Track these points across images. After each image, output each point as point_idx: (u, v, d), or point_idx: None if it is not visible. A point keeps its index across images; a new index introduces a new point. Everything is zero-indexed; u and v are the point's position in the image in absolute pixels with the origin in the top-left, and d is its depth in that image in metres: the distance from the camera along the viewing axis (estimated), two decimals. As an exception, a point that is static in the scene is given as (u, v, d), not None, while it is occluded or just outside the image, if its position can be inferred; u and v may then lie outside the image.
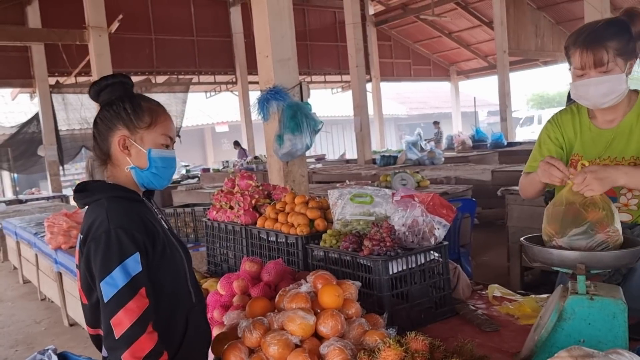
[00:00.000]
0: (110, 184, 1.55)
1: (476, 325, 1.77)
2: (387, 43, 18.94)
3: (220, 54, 15.42)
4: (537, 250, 1.48)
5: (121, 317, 1.33)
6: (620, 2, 14.07)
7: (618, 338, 1.33)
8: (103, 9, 8.92)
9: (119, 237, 1.38)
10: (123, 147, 1.53)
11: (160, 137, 1.56)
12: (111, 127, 1.54)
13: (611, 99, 1.73)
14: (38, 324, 5.19)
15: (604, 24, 1.72)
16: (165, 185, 1.61)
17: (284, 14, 4.45)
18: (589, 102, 1.78)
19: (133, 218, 1.45)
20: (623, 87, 1.72)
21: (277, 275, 2.05)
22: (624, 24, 1.71)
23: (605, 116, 1.85)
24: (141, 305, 1.35)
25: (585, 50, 1.69)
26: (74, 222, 4.49)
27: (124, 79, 1.62)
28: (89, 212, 1.50)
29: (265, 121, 4.53)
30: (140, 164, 1.55)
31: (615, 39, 1.68)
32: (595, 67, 1.69)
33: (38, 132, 12.78)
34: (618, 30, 1.69)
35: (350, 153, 19.74)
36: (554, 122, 1.97)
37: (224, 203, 2.84)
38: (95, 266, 1.39)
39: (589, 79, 1.71)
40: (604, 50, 1.67)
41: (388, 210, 2.07)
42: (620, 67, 1.69)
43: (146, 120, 1.54)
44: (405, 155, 9.78)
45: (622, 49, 1.68)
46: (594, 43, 1.68)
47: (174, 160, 1.61)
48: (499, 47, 13.58)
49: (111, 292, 1.34)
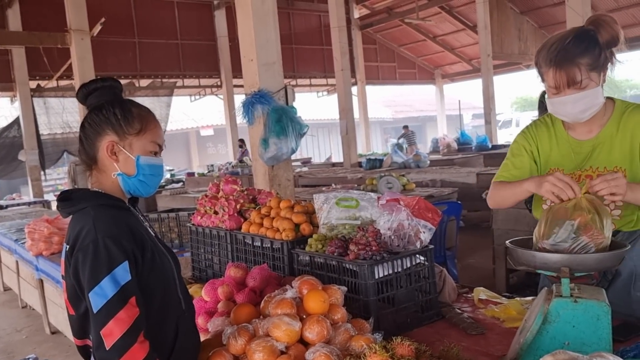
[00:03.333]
0: (95, 191, 1.52)
1: (462, 329, 1.77)
2: (372, 46, 19.02)
3: (205, 57, 15.35)
4: (521, 253, 1.49)
5: (112, 327, 1.31)
6: (601, 5, 14.32)
7: (602, 340, 1.34)
8: (85, 12, 8.82)
9: (107, 246, 1.36)
10: (111, 153, 1.50)
11: (149, 144, 1.53)
12: (100, 131, 1.51)
13: (590, 113, 1.72)
14: (19, 332, 5.09)
15: (573, 40, 1.68)
16: (151, 193, 1.59)
17: (269, 17, 4.43)
18: (567, 118, 1.77)
19: (120, 226, 1.42)
20: (600, 100, 1.71)
21: (262, 280, 2.03)
22: (592, 36, 1.68)
23: (582, 127, 1.82)
24: (132, 314, 1.33)
25: (557, 69, 1.67)
26: (56, 228, 4.42)
27: (114, 83, 1.59)
28: (75, 221, 1.47)
29: (250, 125, 4.50)
30: (128, 171, 1.52)
31: (587, 55, 1.65)
32: (569, 87, 1.67)
33: (19, 137, 12.60)
34: (588, 45, 1.66)
35: (336, 156, 19.78)
36: (528, 134, 1.94)
37: (209, 208, 2.81)
38: (83, 276, 1.36)
39: (565, 96, 1.69)
40: (576, 69, 1.64)
41: (374, 214, 2.07)
42: (595, 80, 1.67)
43: (136, 126, 1.51)
44: (391, 158, 9.82)
45: (594, 63, 1.66)
46: (566, 62, 1.65)
47: (162, 168, 1.60)
48: (483, 50, 13.72)
49: (101, 302, 1.32)
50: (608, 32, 1.67)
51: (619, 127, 1.77)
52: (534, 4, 15.54)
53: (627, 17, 14.86)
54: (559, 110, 1.75)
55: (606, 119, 1.79)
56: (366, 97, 18.08)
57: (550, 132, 1.90)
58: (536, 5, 15.54)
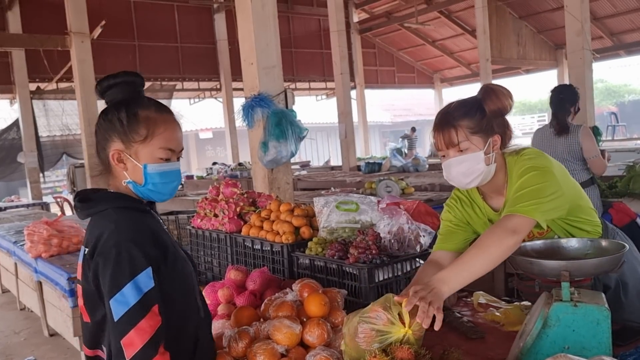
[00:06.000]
0: (116, 193, 1.46)
1: (462, 333, 1.77)
2: (371, 50, 19.05)
3: (204, 60, 15.35)
4: (519, 260, 1.52)
5: (132, 337, 1.25)
6: (599, 11, 14.39)
7: (602, 344, 1.34)
8: (85, 15, 8.82)
9: (129, 251, 1.30)
10: (118, 161, 1.43)
11: (158, 151, 1.43)
12: (107, 137, 1.44)
13: (474, 178, 1.72)
14: (17, 334, 5.08)
15: (455, 105, 1.75)
16: (166, 200, 1.50)
17: (269, 21, 4.44)
18: (454, 182, 1.78)
19: (143, 230, 1.37)
20: (481, 165, 1.70)
21: (262, 283, 2.04)
22: (475, 102, 1.72)
23: (493, 196, 1.83)
24: (153, 324, 1.27)
25: (438, 132, 1.73)
26: (55, 230, 4.41)
27: (129, 78, 1.47)
28: (95, 223, 1.41)
29: (249, 128, 4.51)
30: (137, 179, 1.44)
31: (466, 118, 1.69)
32: (447, 148, 1.71)
33: (18, 139, 12.58)
34: (468, 110, 1.71)
35: (335, 160, 19.78)
36: (454, 210, 1.93)
37: (209, 211, 2.82)
38: (104, 282, 1.30)
39: (448, 159, 1.73)
40: (453, 131, 1.68)
41: (374, 217, 2.08)
42: (478, 145, 1.69)
43: (141, 132, 1.41)
44: (390, 162, 9.82)
45: (475, 127, 1.69)
46: (446, 124, 1.71)
47: (176, 174, 1.48)
48: (481, 55, 13.73)
49: (122, 310, 1.26)
50: (494, 103, 1.69)
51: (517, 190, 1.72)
52: (533, 9, 15.58)
53: (626, 22, 14.93)
54: (446, 175, 1.77)
55: (507, 180, 1.78)
56: (365, 101, 18.09)
57: (470, 203, 1.90)
58: (535, 10, 15.59)
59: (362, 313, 1.44)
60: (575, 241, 1.62)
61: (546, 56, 16.82)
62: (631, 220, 3.34)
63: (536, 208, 1.60)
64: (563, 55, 15.50)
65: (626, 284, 1.85)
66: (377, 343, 1.38)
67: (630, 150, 9.43)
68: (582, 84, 6.88)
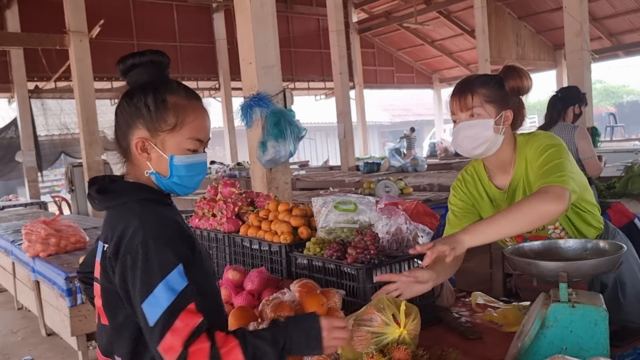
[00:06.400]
0: (137, 183, 1.33)
1: (460, 333, 1.77)
2: (370, 50, 19.05)
3: (203, 59, 15.34)
4: (517, 261, 1.52)
5: (170, 341, 1.13)
6: (598, 12, 14.40)
7: (599, 345, 1.34)
8: (84, 14, 8.80)
9: (158, 248, 1.19)
10: (142, 150, 1.31)
11: (187, 142, 1.31)
12: (130, 123, 1.31)
13: (479, 144, 1.76)
14: (15, 333, 5.07)
15: (476, 75, 1.85)
16: (189, 193, 1.39)
17: (268, 21, 4.44)
18: (461, 149, 1.81)
19: (170, 225, 1.26)
20: (489, 133, 1.74)
21: (260, 283, 2.03)
22: (495, 76, 1.82)
23: (499, 171, 1.87)
24: (191, 322, 1.15)
25: (456, 95, 1.79)
26: (52, 229, 4.41)
27: (156, 57, 1.35)
28: (115, 217, 1.29)
29: (248, 128, 4.50)
30: (161, 171, 1.32)
31: (484, 87, 1.76)
32: (462, 111, 1.76)
33: (16, 138, 12.57)
34: (487, 80, 1.79)
35: (333, 159, 19.78)
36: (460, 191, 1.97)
37: (207, 211, 2.81)
38: (133, 285, 1.19)
39: (459, 124, 1.78)
40: (470, 95, 1.75)
41: (372, 218, 2.07)
42: (490, 113, 1.74)
43: (170, 121, 1.30)
44: (389, 162, 9.83)
45: (490, 97, 1.75)
46: (463, 89, 1.78)
47: (203, 166, 1.36)
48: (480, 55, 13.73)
49: (157, 314, 1.15)
50: (514, 81, 1.81)
51: (526, 162, 1.79)
52: (532, 10, 15.60)
53: (625, 22, 14.95)
54: (455, 139, 1.82)
55: (515, 159, 1.83)
56: (364, 101, 18.08)
57: (477, 183, 1.95)
58: (534, 10, 15.60)
59: (357, 316, 1.44)
60: (573, 242, 1.62)
61: (545, 57, 16.84)
62: (629, 221, 3.35)
63: (568, 179, 1.62)
64: (562, 56, 15.50)
65: (624, 284, 1.86)
66: (373, 345, 1.38)
67: (628, 151, 9.45)
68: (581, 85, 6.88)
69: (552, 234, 1.88)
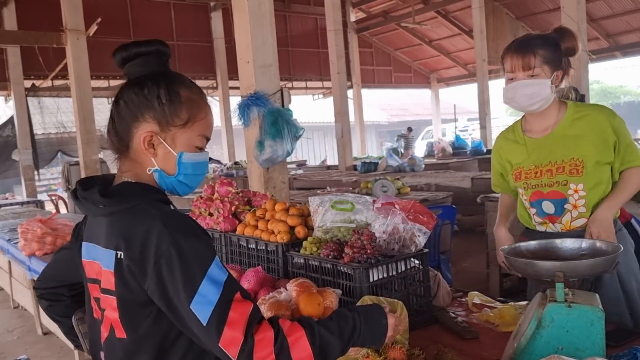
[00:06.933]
0: (142, 184, 1.24)
1: (456, 333, 1.77)
2: (368, 50, 19.05)
3: (201, 58, 15.32)
4: (513, 261, 1.53)
5: (230, 334, 1.08)
6: (595, 12, 14.42)
7: (596, 345, 1.34)
8: (81, 12, 8.78)
9: (190, 245, 1.13)
10: (148, 145, 1.22)
11: (196, 139, 1.26)
12: (138, 116, 1.22)
13: (536, 101, 1.89)
14: (10, 332, 5.05)
15: (534, 35, 1.96)
16: (189, 193, 1.32)
17: (266, 20, 4.43)
18: (517, 104, 1.94)
19: (190, 221, 1.19)
20: (547, 92, 1.88)
21: (256, 283, 2.03)
22: (552, 37, 1.93)
23: (538, 126, 2.01)
24: (246, 311, 1.11)
25: (515, 54, 1.89)
26: (49, 228, 4.39)
27: (163, 48, 1.28)
28: (126, 222, 1.18)
29: (245, 127, 4.50)
30: (167, 169, 1.25)
31: (543, 48, 1.88)
32: (523, 70, 1.87)
33: (13, 136, 12.54)
34: (545, 41, 1.90)
35: (331, 159, 19.78)
36: (496, 144, 2.20)
37: (203, 210, 2.81)
38: (175, 288, 1.11)
39: (517, 82, 1.89)
40: (531, 55, 1.86)
41: (369, 217, 2.07)
42: (546, 73, 1.87)
43: (183, 116, 1.23)
44: (386, 161, 9.83)
45: (548, 57, 1.87)
46: (524, 49, 1.88)
47: (206, 165, 1.32)
48: (478, 55, 13.78)
49: (208, 311, 1.09)
50: (570, 41, 1.92)
51: (573, 124, 1.94)
52: (530, 10, 15.62)
53: (622, 23, 14.97)
54: (510, 96, 1.93)
55: (560, 118, 1.96)
56: (362, 101, 18.09)
57: (510, 136, 2.11)
58: (532, 11, 15.62)
59: None
60: (570, 242, 1.62)
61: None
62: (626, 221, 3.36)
63: None
64: (559, 56, 15.50)
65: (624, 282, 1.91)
66: (364, 349, 1.38)
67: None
68: (579, 85, 6.91)
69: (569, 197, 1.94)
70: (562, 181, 1.92)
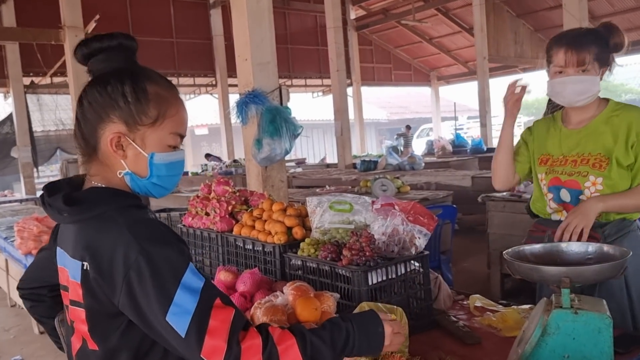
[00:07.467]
0: (111, 189, 1.17)
1: (457, 338, 1.72)
2: (368, 47, 19.00)
3: (200, 56, 15.27)
4: (517, 266, 1.48)
5: (212, 343, 1.02)
6: (597, 10, 14.36)
7: (603, 353, 1.29)
8: (80, 9, 8.74)
9: (160, 253, 1.06)
10: (117, 147, 1.15)
11: (169, 137, 1.18)
12: (103, 116, 1.14)
13: (585, 97, 1.89)
14: (7, 331, 5.01)
15: (586, 31, 1.96)
16: (165, 195, 1.25)
17: (264, 17, 4.38)
18: (564, 99, 1.93)
19: (160, 227, 1.12)
20: (596, 88, 1.89)
21: (253, 285, 1.98)
22: (602, 34, 1.93)
23: (575, 118, 2.00)
24: (227, 317, 1.05)
25: (570, 49, 1.87)
26: (45, 226, 4.35)
27: (126, 42, 1.18)
28: (92, 231, 1.11)
29: (244, 125, 4.45)
30: (138, 171, 1.18)
31: (595, 45, 1.88)
32: (577, 66, 1.87)
33: (12, 133, 12.50)
34: (597, 37, 1.91)
35: (330, 157, 19.74)
36: (530, 127, 2.19)
37: (200, 209, 2.76)
38: (147, 300, 1.04)
39: (567, 77, 1.88)
40: (586, 52, 1.86)
41: (368, 218, 2.02)
42: (596, 70, 1.89)
43: (151, 114, 1.15)
44: (386, 160, 9.78)
45: (599, 55, 1.88)
46: (579, 44, 1.87)
47: (182, 164, 1.24)
48: (478, 53, 13.72)
49: (185, 322, 1.03)
50: (618, 37, 1.92)
51: (608, 121, 1.93)
52: (531, 8, 15.56)
53: (623, 21, 14.90)
54: (558, 90, 1.92)
55: (597, 113, 1.96)
56: (361, 98, 18.05)
57: (549, 125, 2.10)
58: (533, 8, 15.56)
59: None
60: (576, 246, 1.58)
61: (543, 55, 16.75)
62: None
63: None
64: (560, 54, 15.46)
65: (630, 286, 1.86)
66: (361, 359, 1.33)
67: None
68: (580, 83, 6.86)
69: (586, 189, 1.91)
70: (583, 172, 1.92)
